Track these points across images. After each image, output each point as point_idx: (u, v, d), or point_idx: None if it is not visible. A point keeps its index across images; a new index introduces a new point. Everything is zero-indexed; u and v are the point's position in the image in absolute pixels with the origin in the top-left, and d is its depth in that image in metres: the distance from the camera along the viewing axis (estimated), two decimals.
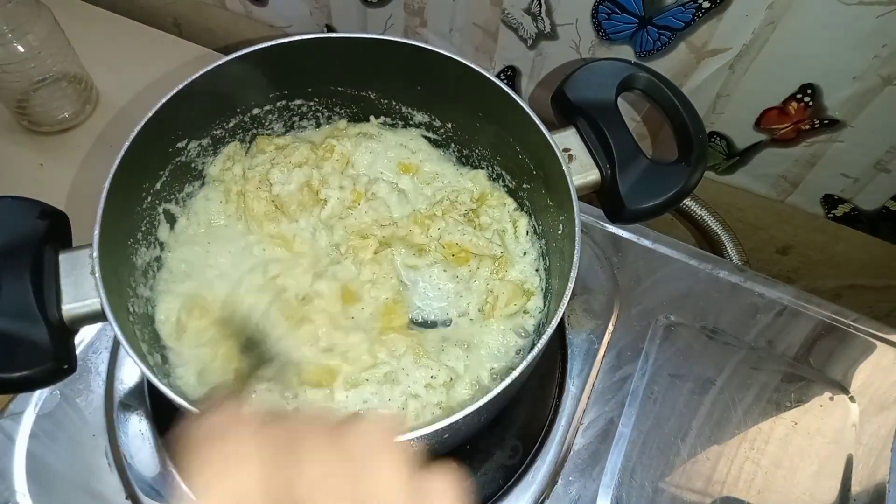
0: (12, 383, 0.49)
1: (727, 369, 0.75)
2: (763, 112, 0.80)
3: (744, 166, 0.89)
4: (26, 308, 0.50)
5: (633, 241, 0.83)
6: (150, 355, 0.58)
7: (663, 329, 0.78)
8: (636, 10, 0.75)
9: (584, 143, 0.62)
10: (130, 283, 0.61)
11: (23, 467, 0.67)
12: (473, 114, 0.69)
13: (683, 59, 0.78)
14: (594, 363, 0.75)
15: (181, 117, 0.63)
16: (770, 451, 0.71)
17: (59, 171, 0.90)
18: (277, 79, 0.69)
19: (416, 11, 0.91)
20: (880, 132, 0.76)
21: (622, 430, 0.72)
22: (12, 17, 0.84)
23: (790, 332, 0.78)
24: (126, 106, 0.97)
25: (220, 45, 1.09)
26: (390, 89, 0.72)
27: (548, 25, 0.82)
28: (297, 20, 1.02)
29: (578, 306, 0.78)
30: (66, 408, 0.70)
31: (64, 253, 0.54)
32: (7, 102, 0.92)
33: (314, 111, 0.75)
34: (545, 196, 0.65)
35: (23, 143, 0.93)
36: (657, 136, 0.90)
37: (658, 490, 0.69)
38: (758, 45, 0.73)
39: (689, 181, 0.61)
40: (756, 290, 0.80)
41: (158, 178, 0.65)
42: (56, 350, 0.50)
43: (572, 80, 0.64)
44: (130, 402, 0.70)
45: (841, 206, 0.88)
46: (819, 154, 0.82)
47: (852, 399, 0.74)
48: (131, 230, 0.63)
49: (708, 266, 0.82)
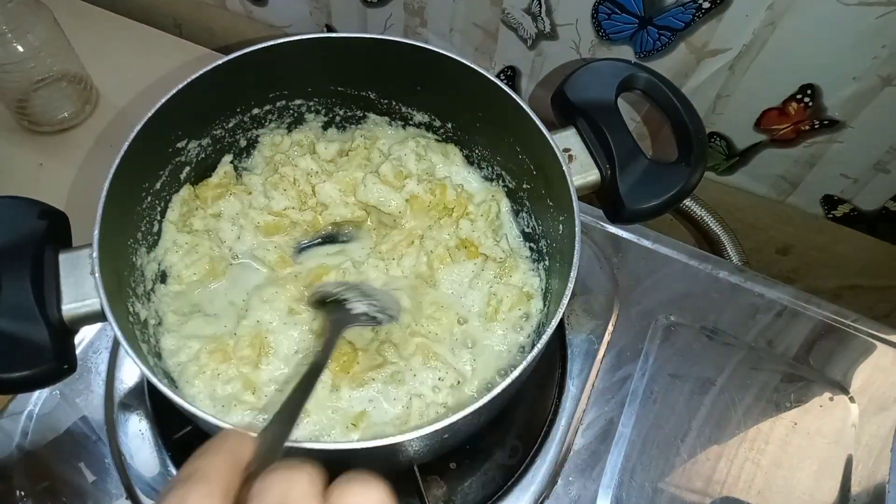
0: (12, 383, 0.49)
1: (727, 369, 0.75)
2: (763, 112, 0.80)
3: (744, 167, 0.89)
4: (26, 308, 0.50)
5: (633, 241, 0.83)
6: (149, 356, 0.58)
7: (663, 329, 0.78)
8: (636, 11, 0.75)
9: (584, 144, 0.62)
10: (130, 283, 0.61)
11: (23, 467, 0.67)
12: (473, 114, 0.69)
13: (683, 59, 0.78)
14: (594, 363, 0.75)
15: (181, 117, 0.63)
16: (770, 451, 0.71)
17: (58, 170, 0.90)
18: (277, 79, 0.69)
19: (416, 11, 0.91)
20: (880, 132, 0.76)
21: (622, 431, 0.72)
22: (12, 17, 0.84)
23: (790, 333, 0.78)
24: (126, 106, 0.97)
25: (220, 45, 1.09)
26: (390, 89, 0.72)
27: (548, 25, 0.82)
28: (297, 20, 1.02)
29: (578, 306, 0.78)
30: (66, 408, 0.70)
31: (64, 253, 0.54)
32: (7, 102, 0.92)
33: (314, 111, 0.75)
34: (545, 196, 0.65)
35: (23, 143, 0.93)
36: (657, 137, 0.90)
37: (658, 490, 0.69)
38: (758, 45, 0.73)
39: (689, 181, 0.61)
40: (756, 291, 0.80)
41: (158, 178, 0.65)
42: (56, 350, 0.50)
43: (572, 80, 0.64)
44: (130, 402, 0.70)
45: (841, 206, 0.88)
46: (819, 154, 0.82)
47: (852, 399, 0.74)
48: (131, 230, 0.63)
49: (708, 266, 0.82)
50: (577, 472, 0.70)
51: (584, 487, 0.69)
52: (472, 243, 0.69)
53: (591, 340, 0.77)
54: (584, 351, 0.76)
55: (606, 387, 0.74)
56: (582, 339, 0.77)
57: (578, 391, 0.73)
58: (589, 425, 0.72)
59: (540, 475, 0.69)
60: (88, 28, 1.02)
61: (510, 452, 0.70)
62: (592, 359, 0.75)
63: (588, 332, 0.77)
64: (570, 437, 0.71)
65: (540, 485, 0.68)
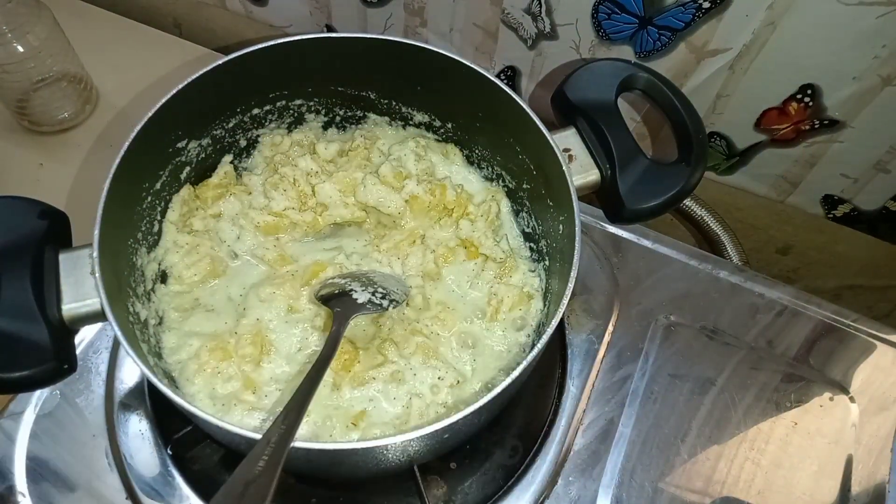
0: (13, 383, 0.49)
1: (727, 369, 0.75)
2: (763, 112, 0.80)
3: (744, 166, 0.89)
4: (27, 308, 0.50)
5: (634, 241, 0.83)
6: (149, 356, 0.58)
7: (663, 329, 0.78)
8: (636, 11, 0.75)
9: (583, 143, 0.62)
10: (130, 283, 0.61)
11: (23, 467, 0.67)
12: (473, 114, 0.69)
13: (683, 59, 0.78)
14: (594, 363, 0.75)
15: (181, 117, 0.63)
16: (770, 451, 0.71)
17: (59, 170, 0.90)
18: (277, 79, 0.69)
19: (416, 11, 0.91)
20: (880, 132, 0.76)
21: (622, 431, 0.72)
22: (12, 17, 0.84)
23: (790, 333, 0.78)
24: (126, 106, 0.97)
25: (220, 45, 1.09)
26: (390, 89, 0.72)
27: (548, 25, 0.82)
28: (297, 20, 1.02)
29: (578, 306, 0.78)
30: (66, 408, 0.70)
31: (64, 253, 0.54)
32: (7, 102, 0.92)
33: (314, 111, 0.75)
34: (545, 196, 0.65)
35: (23, 143, 0.93)
36: (657, 137, 0.90)
37: (658, 490, 0.69)
38: (758, 45, 0.73)
39: (689, 181, 0.61)
40: (756, 291, 0.80)
41: (158, 178, 0.65)
42: (56, 350, 0.50)
43: (572, 80, 0.64)
44: (130, 402, 0.70)
45: (841, 206, 0.88)
46: (819, 154, 0.82)
47: (852, 399, 0.74)
48: (131, 230, 0.63)
49: (708, 266, 0.82)
50: (577, 471, 0.70)
51: (585, 487, 0.69)
52: (473, 243, 0.69)
53: (591, 340, 0.77)
54: (584, 351, 0.76)
55: (606, 387, 0.74)
56: (582, 338, 0.77)
57: (578, 391, 0.73)
58: (589, 425, 0.72)
59: (540, 475, 0.69)
60: (88, 28, 1.02)
61: (510, 452, 0.70)
62: (592, 359, 0.75)
63: (588, 331, 0.77)
64: (571, 436, 0.71)
65: (540, 485, 0.68)
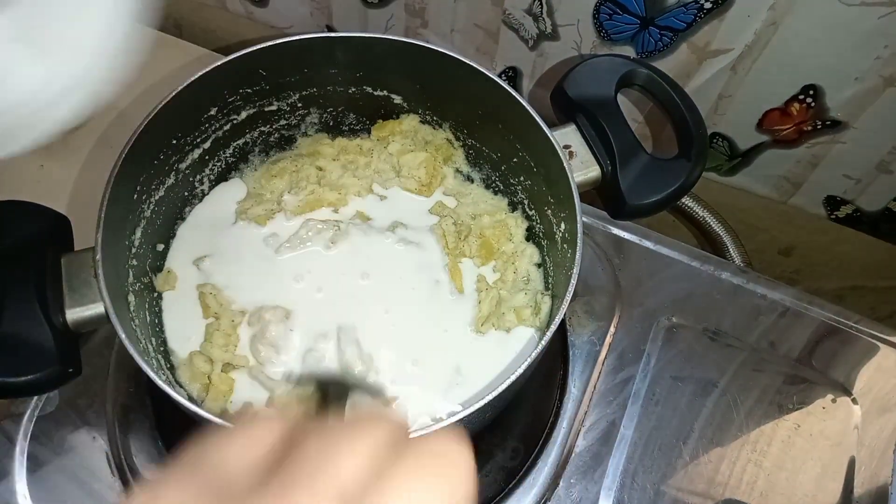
0: (19, 388, 0.49)
1: (729, 371, 0.75)
2: (765, 113, 0.80)
3: (746, 167, 0.88)
4: (30, 313, 0.50)
5: (635, 242, 0.83)
6: (152, 356, 0.58)
7: (665, 331, 0.77)
8: (638, 11, 0.75)
9: (584, 140, 0.62)
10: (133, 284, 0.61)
11: (23, 468, 0.67)
12: (473, 112, 0.69)
13: (685, 59, 0.78)
14: (596, 365, 0.75)
15: (181, 118, 0.63)
16: (772, 453, 0.71)
17: (59, 172, 0.90)
18: (278, 79, 0.69)
19: (417, 12, 0.90)
20: (882, 133, 0.76)
21: (624, 432, 0.72)
22: None
23: (792, 334, 0.78)
24: (126, 107, 0.97)
25: (221, 45, 1.08)
26: (390, 88, 0.72)
27: (549, 26, 0.82)
28: (297, 21, 1.02)
29: (580, 308, 0.78)
30: (66, 408, 0.70)
31: (66, 256, 0.54)
32: None
33: (315, 112, 0.74)
34: (546, 194, 0.65)
35: None
36: (660, 137, 0.90)
37: (660, 492, 0.69)
38: (760, 45, 0.73)
39: (689, 176, 0.61)
40: (758, 292, 0.80)
41: (159, 179, 0.65)
42: (61, 353, 0.50)
43: (571, 76, 0.64)
44: (131, 404, 0.70)
45: (843, 207, 0.87)
46: (821, 155, 0.82)
47: (855, 401, 0.74)
48: (133, 232, 0.63)
49: (710, 267, 0.81)
50: (578, 474, 0.69)
51: (586, 490, 0.69)
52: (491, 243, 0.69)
53: (592, 342, 0.76)
54: (585, 352, 0.76)
55: (608, 388, 0.74)
56: (584, 340, 0.76)
57: (580, 393, 0.73)
58: (590, 427, 0.72)
59: (541, 477, 0.68)
60: None
61: (511, 454, 0.69)
62: (594, 360, 0.75)
63: (590, 333, 0.77)
64: (572, 438, 0.71)
65: (541, 487, 0.68)
